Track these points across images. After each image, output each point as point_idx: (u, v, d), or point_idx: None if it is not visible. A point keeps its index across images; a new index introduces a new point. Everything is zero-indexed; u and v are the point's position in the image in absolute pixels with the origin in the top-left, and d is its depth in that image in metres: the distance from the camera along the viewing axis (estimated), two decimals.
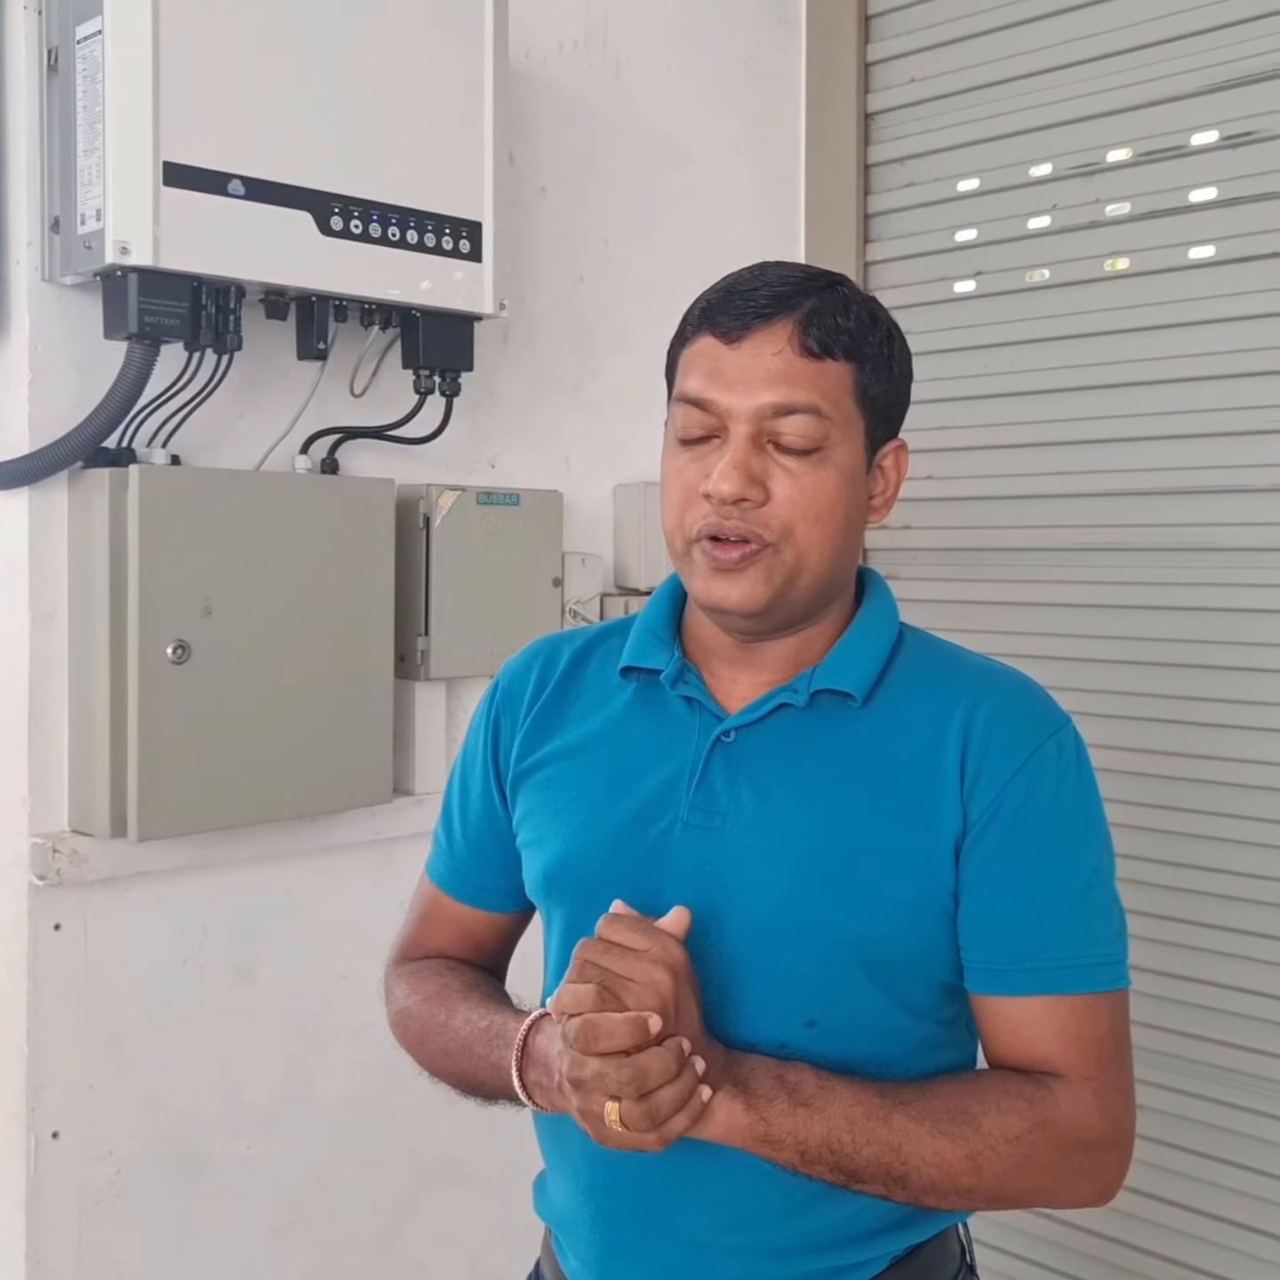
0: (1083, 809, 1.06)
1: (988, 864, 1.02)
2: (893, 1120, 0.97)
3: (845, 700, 1.07)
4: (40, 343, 1.59)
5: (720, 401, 1.03)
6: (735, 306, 1.03)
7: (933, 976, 1.06)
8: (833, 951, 1.03)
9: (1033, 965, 1.02)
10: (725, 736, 1.08)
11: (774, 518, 1.02)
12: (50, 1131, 1.61)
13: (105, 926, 1.65)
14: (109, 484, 1.56)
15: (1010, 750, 1.03)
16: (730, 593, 1.03)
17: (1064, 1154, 1.00)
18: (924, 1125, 0.97)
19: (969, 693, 1.07)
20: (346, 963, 1.85)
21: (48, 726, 1.61)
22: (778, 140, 2.45)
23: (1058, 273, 2.20)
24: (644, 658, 1.13)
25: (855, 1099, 0.98)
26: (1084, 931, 1.03)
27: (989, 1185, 0.99)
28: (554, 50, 2.09)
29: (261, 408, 1.76)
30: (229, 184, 1.56)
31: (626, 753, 1.12)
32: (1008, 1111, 0.99)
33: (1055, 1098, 1.00)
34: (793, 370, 1.01)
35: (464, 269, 1.79)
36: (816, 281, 1.05)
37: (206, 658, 1.60)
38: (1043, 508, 2.22)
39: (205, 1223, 1.75)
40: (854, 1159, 0.97)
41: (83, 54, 1.51)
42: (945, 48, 2.32)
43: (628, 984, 0.93)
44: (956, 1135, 0.98)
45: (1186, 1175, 2.06)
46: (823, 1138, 0.97)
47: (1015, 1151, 0.98)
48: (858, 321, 1.05)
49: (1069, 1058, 1.02)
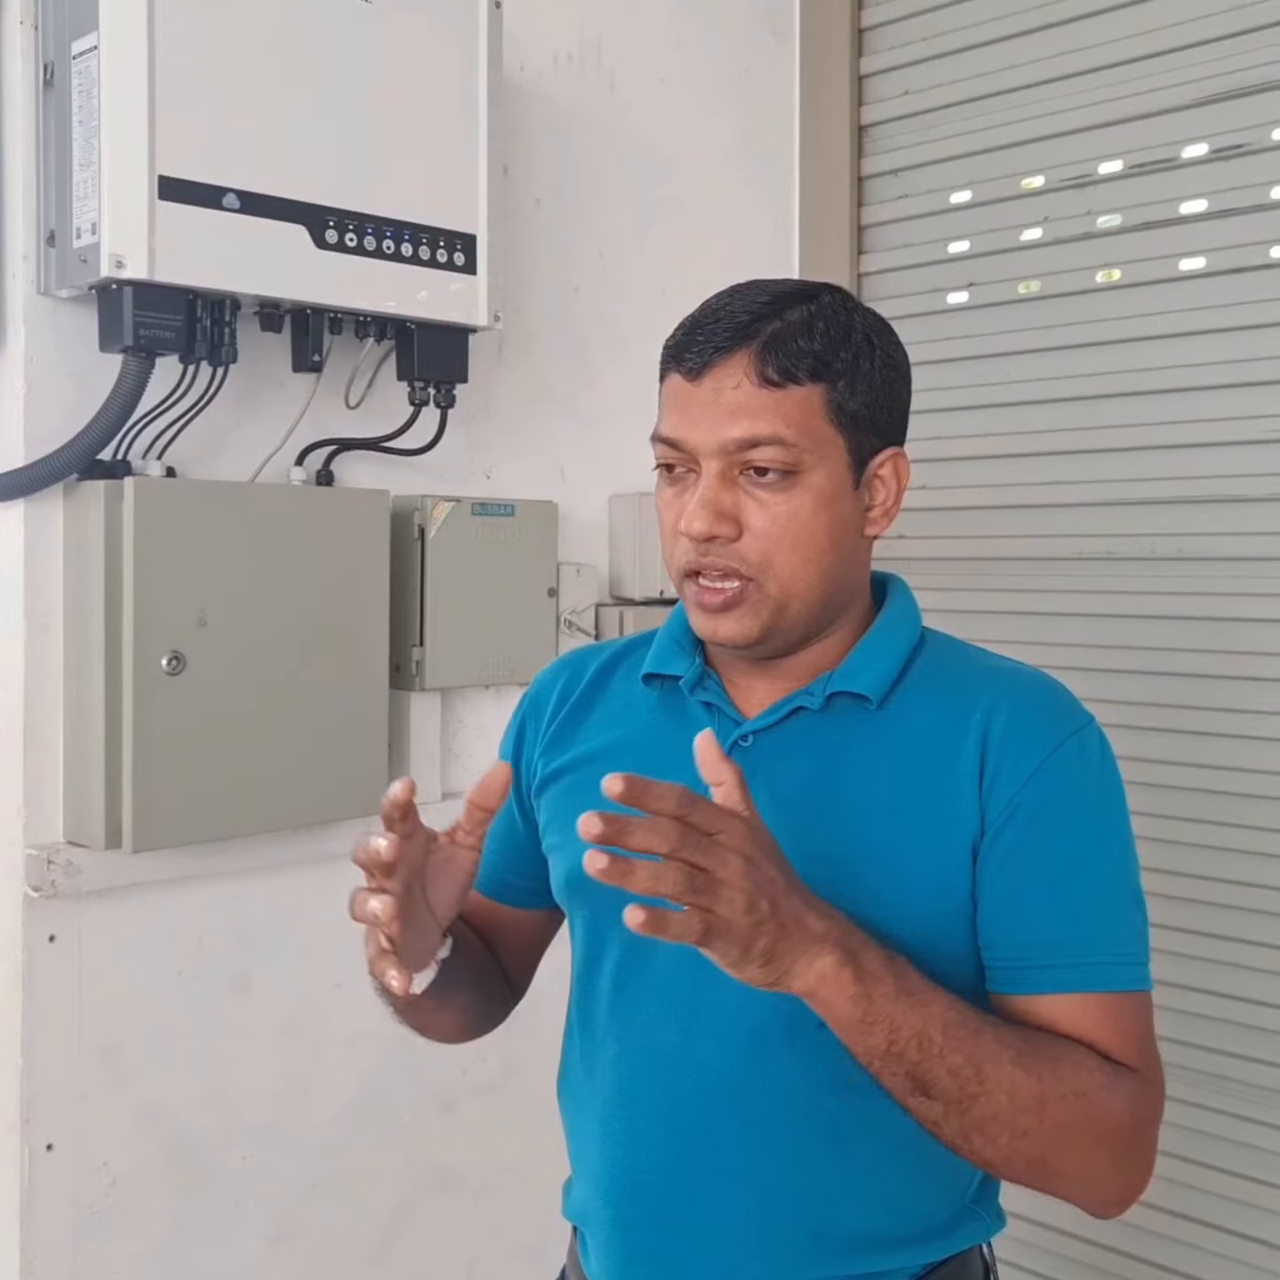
0: (1105, 809, 1.05)
1: (1007, 861, 1.02)
2: (983, 1035, 0.95)
3: (861, 702, 1.08)
4: (36, 355, 1.60)
5: (688, 440, 1.04)
6: (697, 342, 1.04)
7: (950, 979, 1.04)
8: None
9: (1054, 962, 1.01)
10: (742, 740, 1.09)
11: (750, 551, 1.03)
12: (45, 1144, 1.61)
13: (100, 938, 1.65)
14: (104, 496, 1.57)
15: (1030, 749, 1.03)
16: (720, 629, 1.06)
17: (1115, 1128, 0.98)
18: (1009, 1050, 0.95)
19: (988, 693, 1.07)
20: (342, 972, 1.85)
21: (43, 738, 1.62)
22: (772, 152, 2.46)
23: (1050, 284, 2.21)
24: (665, 664, 1.15)
25: (952, 1004, 0.95)
26: (1108, 931, 1.03)
27: (1044, 1135, 0.95)
28: (548, 63, 2.11)
29: (257, 420, 1.77)
30: (224, 197, 1.57)
31: (648, 758, 1.12)
32: (1080, 1066, 0.97)
33: (1118, 1069, 0.99)
34: (753, 402, 1.02)
35: (459, 281, 1.80)
36: (782, 303, 1.04)
37: (202, 669, 1.60)
38: (1037, 517, 2.23)
39: (201, 1233, 1.75)
40: (935, 1065, 0.93)
41: (78, 69, 1.52)
42: (938, 61, 2.34)
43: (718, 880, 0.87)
44: (1034, 1070, 0.95)
45: (1180, 1182, 2.06)
46: (916, 1030, 0.93)
47: (1080, 1107, 0.96)
48: (824, 340, 1.03)
49: (1113, 1045, 1.00)
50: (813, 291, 1.07)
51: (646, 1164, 1.06)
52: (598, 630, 2.13)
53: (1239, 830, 2.02)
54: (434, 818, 2.01)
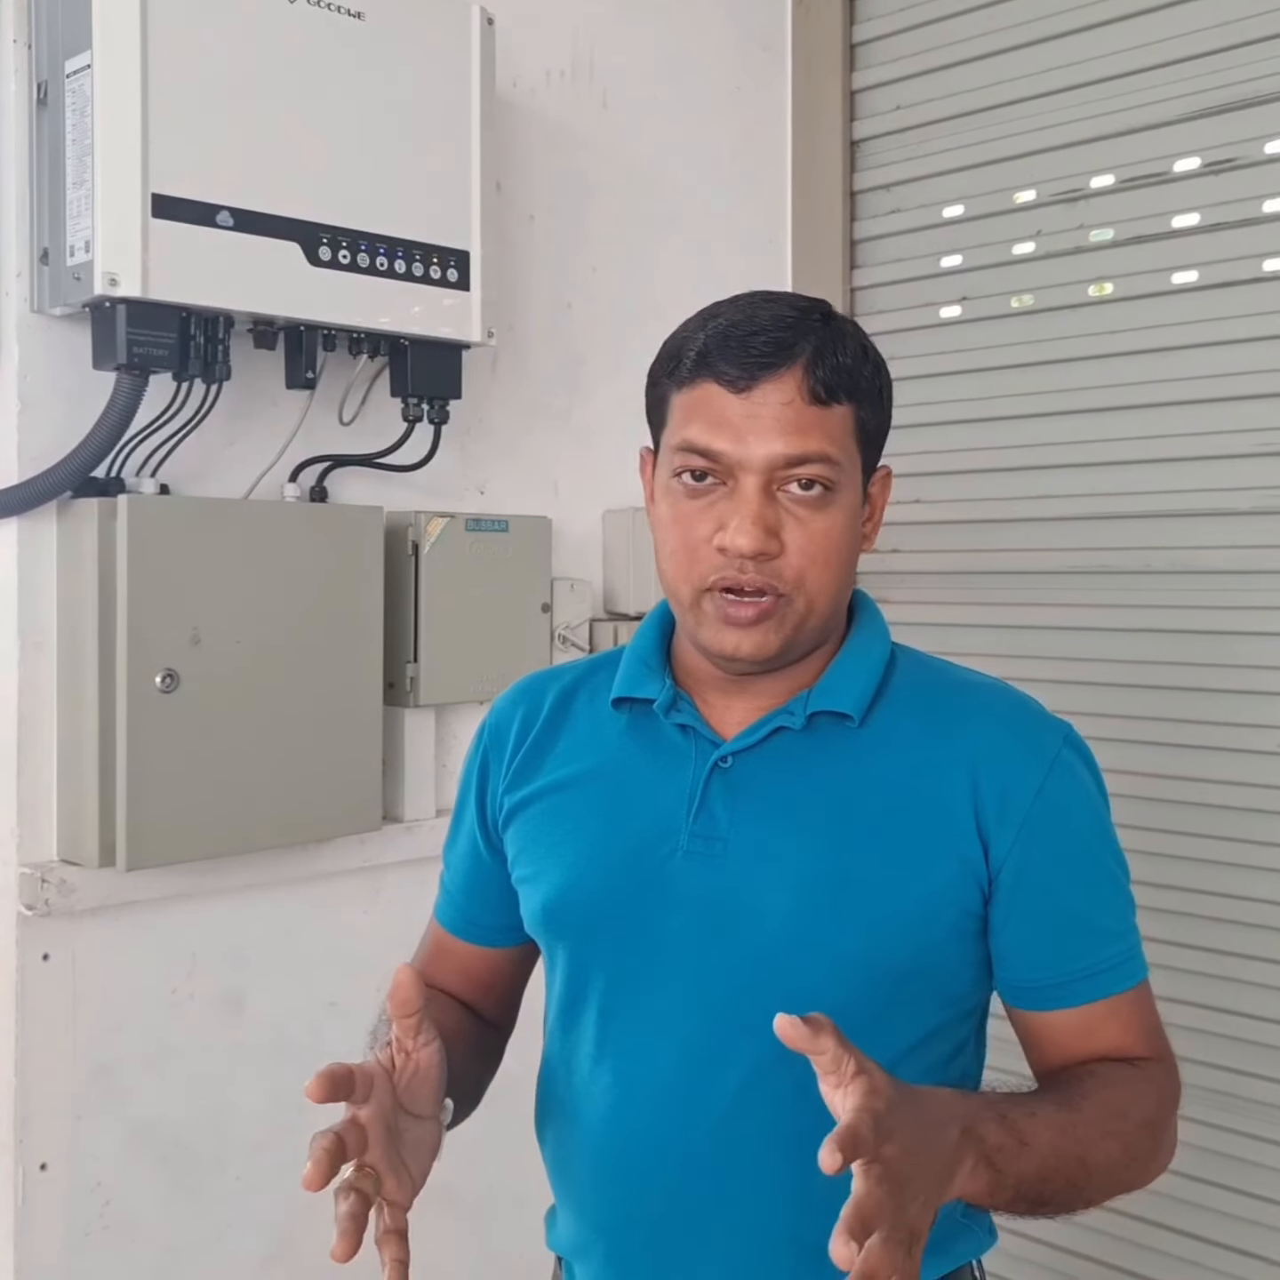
0: (1102, 804, 1.09)
1: (1037, 882, 1.03)
2: (1077, 1133, 0.97)
3: (842, 721, 1.07)
4: (29, 373, 1.60)
5: (730, 453, 1.01)
6: (736, 354, 1.01)
7: (942, 994, 1.06)
8: (840, 973, 1.03)
9: (1092, 971, 1.04)
10: (723, 762, 1.08)
11: (788, 569, 1.02)
12: (39, 1163, 1.61)
13: (94, 956, 1.64)
14: (98, 513, 1.57)
15: (1029, 767, 1.04)
16: (743, 644, 1.03)
17: (1170, 1127, 1.05)
18: (1095, 1130, 0.98)
19: (967, 710, 1.08)
20: (336, 990, 1.85)
21: (36, 756, 1.62)
22: (764, 167, 2.47)
23: (1042, 298, 2.22)
24: (636, 687, 1.12)
25: (1050, 1121, 0.95)
26: (1121, 925, 1.07)
27: (1135, 1172, 1.01)
28: (541, 80, 2.11)
29: (250, 436, 1.77)
30: (217, 215, 1.57)
31: (623, 783, 1.11)
32: (1138, 1096, 1.02)
33: (1155, 1073, 1.04)
34: (803, 419, 1.01)
35: (452, 298, 1.80)
36: (810, 317, 1.04)
37: (195, 686, 1.60)
38: (1030, 531, 2.24)
39: (194, 1254, 1.74)
40: (1052, 1184, 0.95)
41: (72, 87, 1.53)
42: (930, 75, 2.34)
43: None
44: (1118, 1133, 0.99)
45: (1174, 1198, 2.06)
46: (1035, 1171, 0.93)
47: (1150, 1135, 1.02)
48: (854, 358, 1.04)
49: (1141, 1045, 1.05)
50: (824, 308, 1.07)
51: (641, 1196, 1.05)
52: (591, 645, 2.13)
53: (1234, 844, 2.02)
54: (426, 835, 2.02)
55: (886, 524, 1.15)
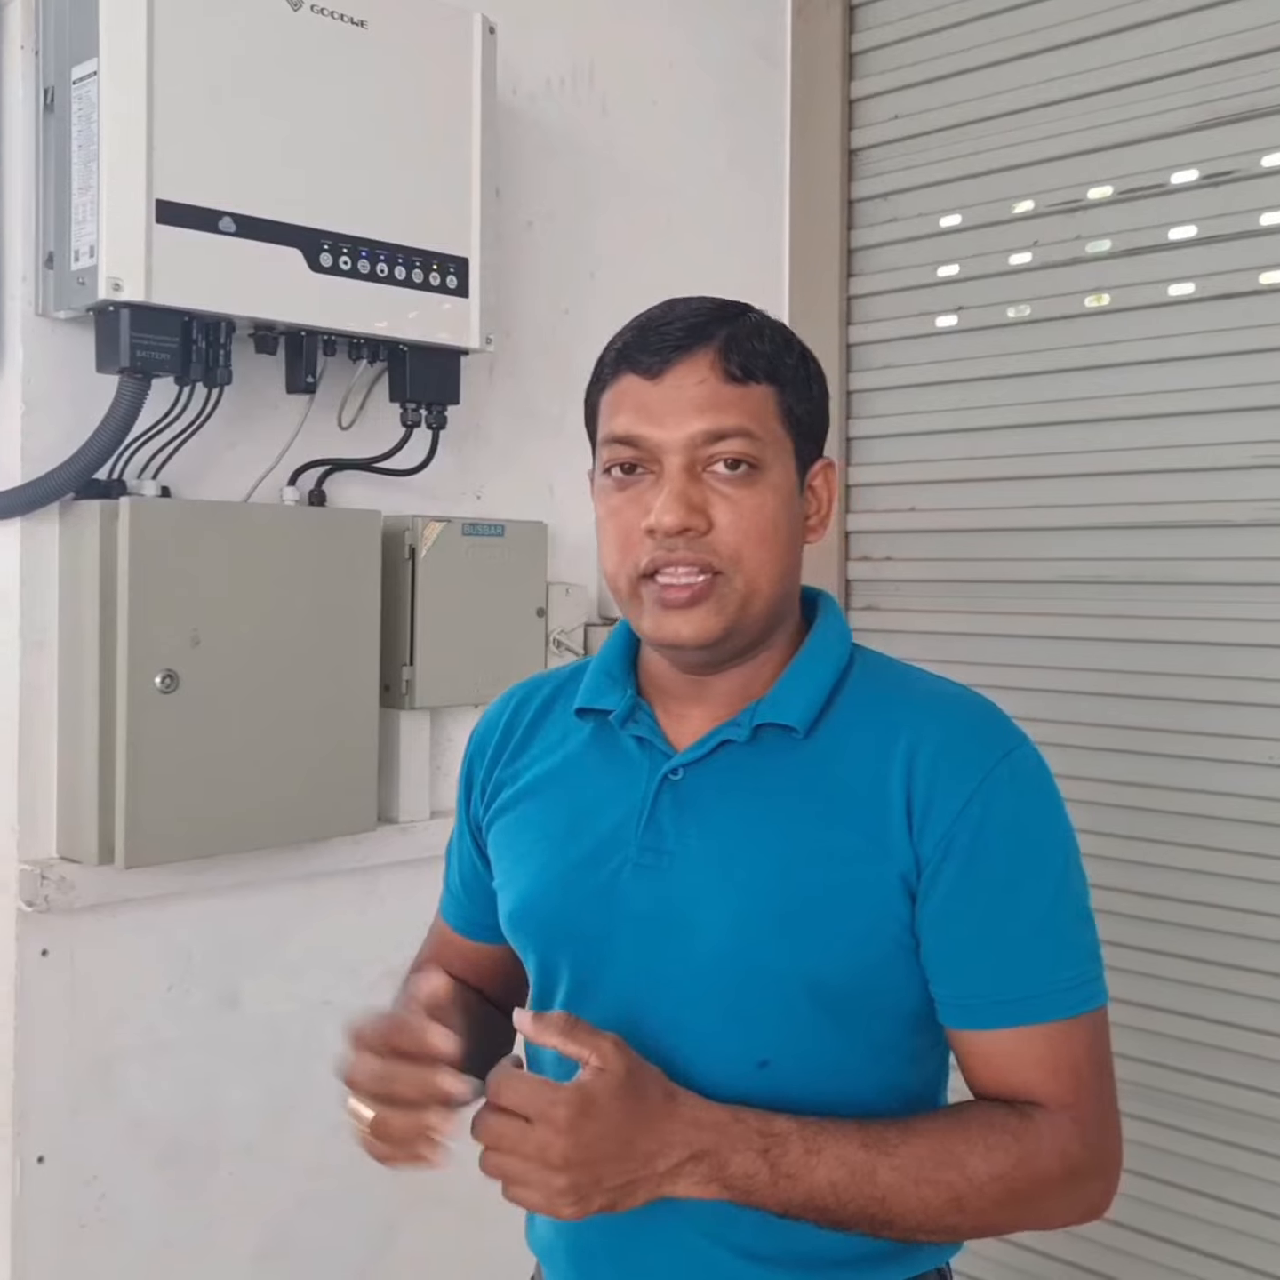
0: (1043, 831, 1.04)
1: (947, 898, 1.01)
2: (878, 1176, 0.97)
3: (788, 733, 1.06)
4: (34, 376, 1.61)
5: (650, 436, 1.03)
6: (652, 343, 1.04)
7: (889, 1010, 1.05)
8: (782, 988, 1.02)
9: (1001, 998, 1.01)
10: (673, 774, 1.08)
11: (720, 544, 1.02)
12: (36, 1155, 1.63)
13: (92, 952, 1.66)
14: (100, 515, 1.58)
15: (960, 778, 1.01)
16: (682, 629, 1.03)
17: (1048, 1185, 1.00)
18: (908, 1176, 0.97)
19: (914, 718, 1.05)
20: (330, 989, 1.86)
21: (37, 753, 1.63)
22: (762, 175, 2.48)
23: (1039, 308, 2.23)
24: (596, 698, 1.13)
25: (840, 1160, 0.96)
26: (1051, 957, 1.02)
27: (973, 1221, 0.99)
28: (541, 87, 2.13)
29: (251, 440, 1.79)
30: (220, 221, 1.59)
31: (582, 793, 1.12)
32: (993, 1148, 0.98)
33: (1038, 1128, 1.00)
34: (719, 396, 1.03)
35: (451, 303, 1.81)
36: (727, 310, 1.07)
37: (194, 687, 1.62)
38: (1024, 541, 2.25)
39: (189, 1247, 1.76)
40: (838, 1213, 0.97)
41: (78, 94, 1.54)
42: (928, 85, 2.36)
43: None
44: (941, 1182, 0.97)
45: (1156, 1205, 2.08)
46: (804, 1200, 0.96)
47: (1000, 1189, 0.98)
48: (773, 344, 1.06)
49: (1047, 1087, 1.01)
50: (745, 306, 1.10)
51: None
52: (586, 650, 2.15)
53: (1219, 854, 2.03)
54: (420, 836, 2.03)
55: (880, 532, 1.17)
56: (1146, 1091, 2.08)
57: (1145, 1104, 2.08)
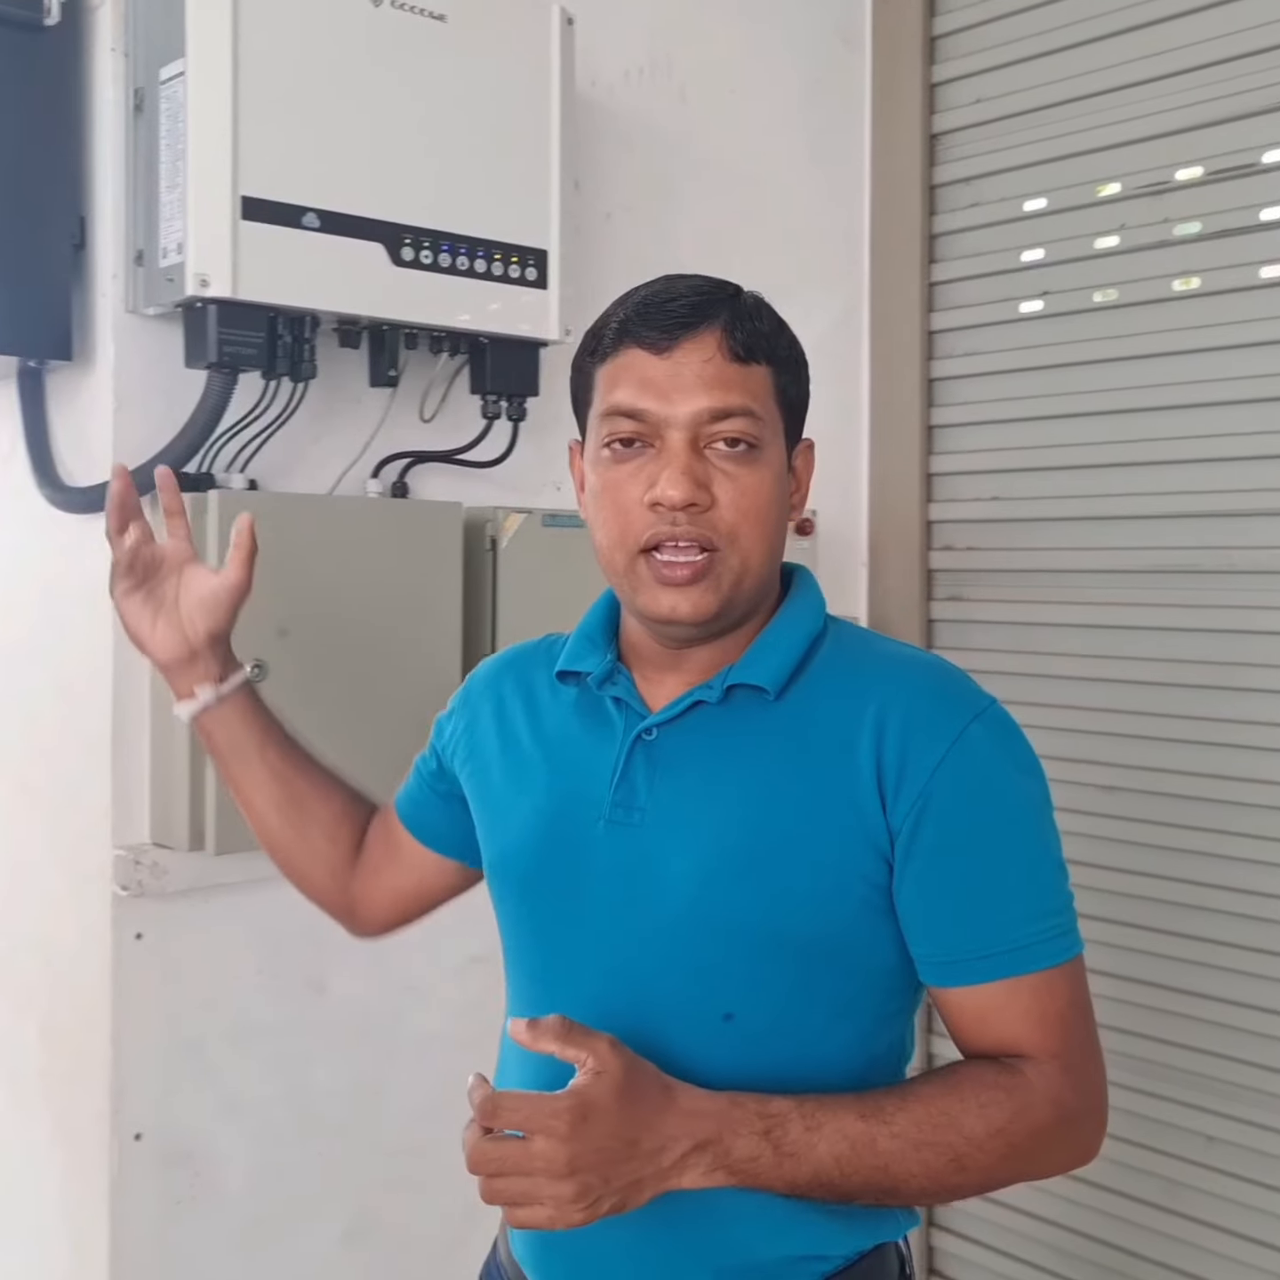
0: (1015, 787, 1.05)
1: (926, 860, 1.03)
2: (878, 1145, 0.99)
3: (760, 694, 1.08)
4: (124, 372, 1.65)
5: (655, 410, 1.04)
6: (656, 319, 1.05)
7: (856, 968, 1.06)
8: (747, 941, 1.04)
9: (986, 952, 1.03)
10: (647, 734, 1.11)
11: (721, 521, 1.04)
12: (133, 1133, 1.67)
13: (184, 936, 1.70)
14: (190, 508, 1.60)
15: (932, 741, 1.03)
16: (680, 605, 1.05)
17: (1044, 1134, 1.02)
18: (908, 1141, 0.99)
19: (883, 682, 1.07)
20: (414, 974, 1.89)
21: (130, 742, 1.67)
22: (842, 161, 2.46)
23: (1126, 292, 2.19)
24: (576, 661, 1.17)
25: (841, 1133, 0.98)
26: (1033, 908, 1.03)
27: (976, 1179, 1.01)
28: (619, 78, 2.13)
29: (335, 433, 1.81)
30: (304, 217, 1.61)
31: (564, 752, 1.16)
32: (987, 1105, 1.00)
33: (1028, 1081, 1.02)
34: (725, 375, 1.04)
35: (530, 296, 1.82)
36: (725, 289, 1.08)
37: (282, 676, 1.64)
38: (1112, 529, 2.21)
39: (278, 1226, 1.80)
40: (843, 1186, 0.99)
41: (166, 94, 1.57)
42: (1011, 68, 2.33)
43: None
44: (940, 1144, 0.99)
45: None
46: (810, 1177, 0.98)
47: (999, 1144, 1.00)
48: (770, 325, 1.08)
49: (1035, 1038, 1.03)
50: (736, 287, 1.10)
51: None
52: None
53: None
54: None
55: (962, 521, 1.16)
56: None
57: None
